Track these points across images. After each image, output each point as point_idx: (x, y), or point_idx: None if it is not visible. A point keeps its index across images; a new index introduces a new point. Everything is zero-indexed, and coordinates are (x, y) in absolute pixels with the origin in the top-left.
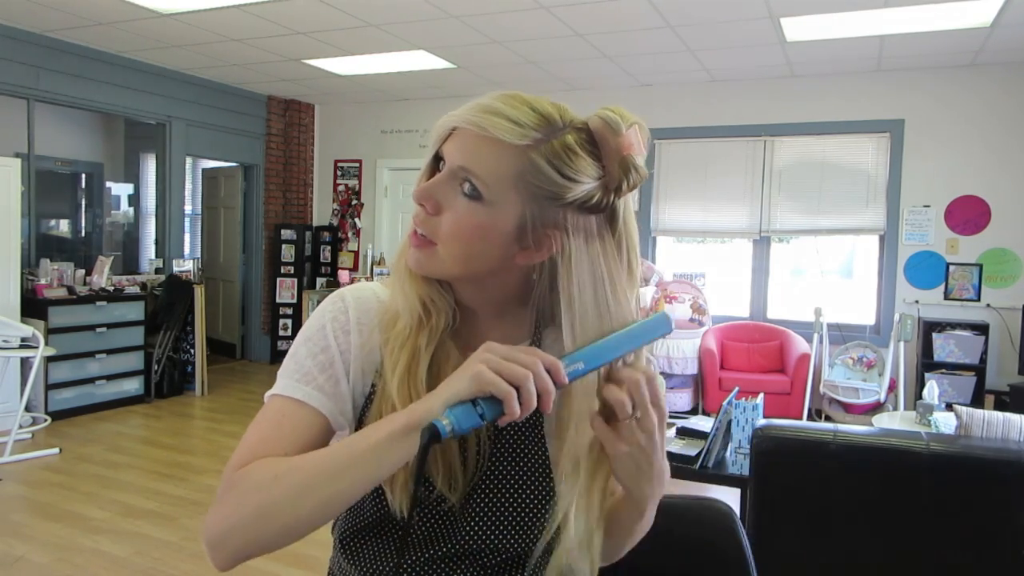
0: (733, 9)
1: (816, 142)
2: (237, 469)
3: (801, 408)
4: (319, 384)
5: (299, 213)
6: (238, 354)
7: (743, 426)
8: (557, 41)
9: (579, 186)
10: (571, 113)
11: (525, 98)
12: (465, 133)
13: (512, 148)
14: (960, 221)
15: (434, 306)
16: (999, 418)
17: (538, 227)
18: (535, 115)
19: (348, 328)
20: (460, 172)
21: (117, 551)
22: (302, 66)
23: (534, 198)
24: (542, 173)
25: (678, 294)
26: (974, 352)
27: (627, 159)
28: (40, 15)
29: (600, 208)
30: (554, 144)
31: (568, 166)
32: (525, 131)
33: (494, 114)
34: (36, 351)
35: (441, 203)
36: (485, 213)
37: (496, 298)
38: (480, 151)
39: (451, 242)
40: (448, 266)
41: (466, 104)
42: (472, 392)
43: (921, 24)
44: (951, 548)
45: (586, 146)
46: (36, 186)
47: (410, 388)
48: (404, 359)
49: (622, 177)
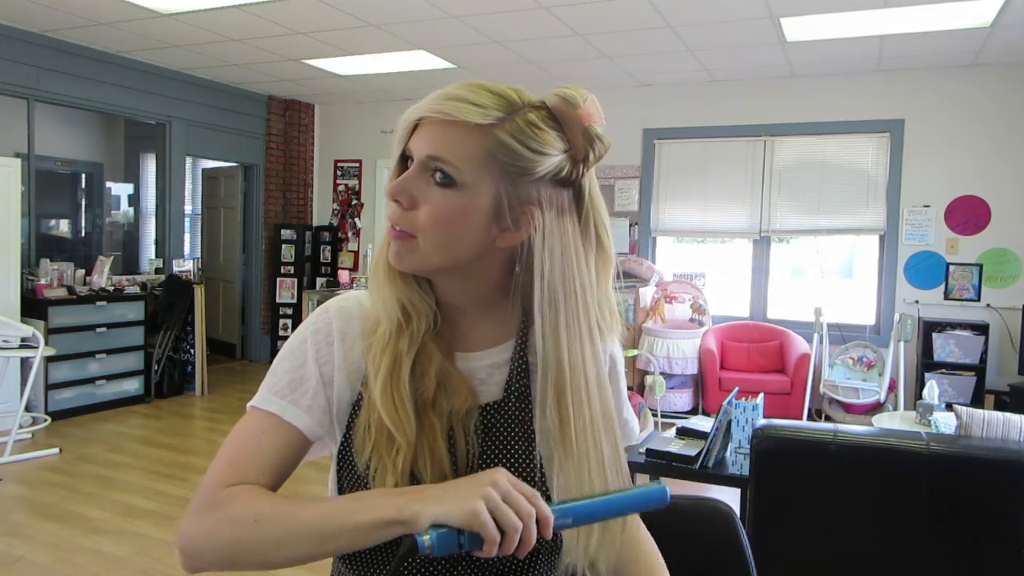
0: (733, 9)
1: (816, 142)
2: (218, 487)
3: (801, 408)
4: (295, 399)
5: (299, 213)
6: (238, 354)
7: (743, 426)
8: (557, 41)
9: (548, 159)
10: (528, 94)
11: (482, 83)
12: (430, 124)
13: (477, 129)
14: (960, 221)
15: (414, 309)
16: (999, 418)
17: (514, 204)
18: (495, 96)
19: (331, 339)
20: (430, 162)
21: (117, 551)
22: (302, 66)
23: (506, 175)
24: (510, 149)
25: (678, 294)
26: (974, 352)
27: (589, 129)
28: (40, 15)
29: (571, 180)
30: (517, 121)
31: (534, 140)
32: (488, 111)
33: (455, 100)
34: (36, 351)
35: (416, 196)
36: (460, 197)
37: (480, 290)
38: (447, 137)
39: (431, 231)
40: (430, 257)
41: (426, 97)
42: (462, 524)
43: (921, 24)
44: (951, 548)
45: (548, 121)
46: (36, 186)
47: (393, 394)
48: (386, 364)
49: (587, 147)
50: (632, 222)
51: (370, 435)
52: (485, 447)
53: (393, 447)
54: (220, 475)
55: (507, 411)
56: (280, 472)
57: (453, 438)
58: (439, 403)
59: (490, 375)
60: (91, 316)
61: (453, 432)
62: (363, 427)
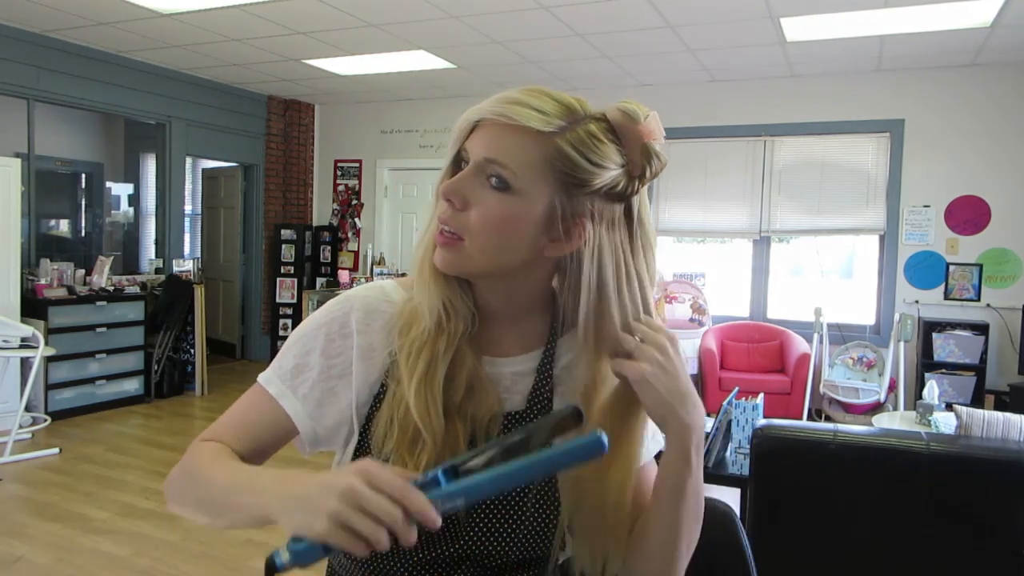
0: (733, 9)
1: (816, 142)
2: (198, 439)
3: (801, 408)
4: (293, 385)
5: (299, 213)
6: (238, 354)
7: (743, 426)
8: (557, 41)
9: (605, 172)
10: (589, 105)
11: (545, 90)
12: (489, 126)
13: (538, 136)
14: (960, 221)
15: (454, 310)
16: (999, 418)
17: (567, 215)
18: (558, 104)
19: (348, 331)
20: (486, 164)
21: (117, 551)
22: (302, 66)
23: (562, 185)
24: (569, 159)
25: (678, 294)
26: (974, 352)
27: (648, 146)
28: (40, 15)
29: (624, 195)
30: (579, 131)
31: (594, 152)
32: (550, 119)
33: (518, 104)
34: (36, 351)
35: (468, 198)
36: (514, 203)
37: (519, 298)
38: (506, 141)
39: (481, 235)
40: (477, 261)
41: (487, 99)
42: (321, 537)
43: (921, 24)
44: (951, 548)
45: (608, 135)
46: (36, 186)
47: (427, 395)
48: (422, 366)
49: (644, 164)
50: None
51: (392, 431)
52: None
53: (417, 446)
54: (207, 430)
55: (528, 422)
56: (255, 446)
57: (475, 445)
58: (464, 408)
59: (514, 383)
60: (91, 316)
61: (475, 438)
62: (385, 421)
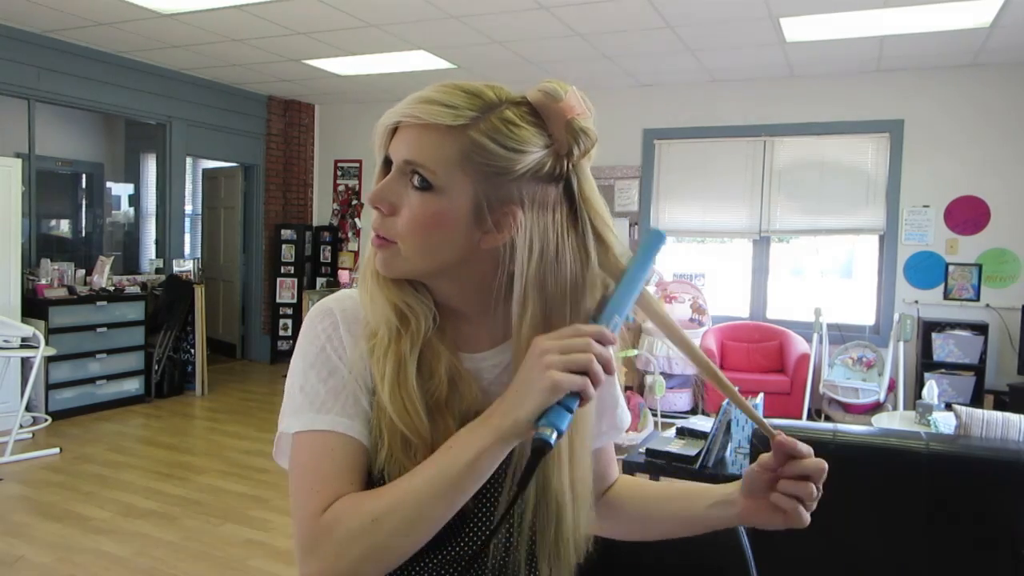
0: (733, 9)
1: (816, 142)
2: (315, 517)
3: (801, 408)
4: (339, 409)
5: (299, 213)
6: (238, 354)
7: (743, 426)
8: (557, 41)
9: (526, 155)
10: (507, 91)
11: (458, 83)
12: (405, 128)
13: (451, 131)
14: (960, 221)
15: (411, 311)
16: (999, 418)
17: (494, 205)
18: (468, 96)
19: (343, 344)
20: (407, 166)
21: (117, 551)
22: (302, 66)
23: (484, 176)
24: (485, 149)
25: (678, 294)
26: (974, 352)
27: (572, 122)
28: (40, 15)
29: (556, 176)
30: (492, 119)
31: (510, 138)
32: (459, 112)
33: (427, 102)
34: (36, 351)
35: (394, 202)
36: (438, 201)
37: (472, 292)
38: (421, 141)
39: (410, 237)
40: (414, 262)
41: (402, 101)
42: (556, 399)
43: (921, 24)
44: (950, 548)
45: (527, 117)
46: (37, 186)
47: (402, 396)
48: (391, 367)
49: (571, 142)
50: (632, 222)
51: (383, 441)
52: None
53: (411, 449)
54: (309, 506)
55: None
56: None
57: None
58: (451, 403)
59: (497, 376)
60: (91, 316)
61: None
62: (375, 433)
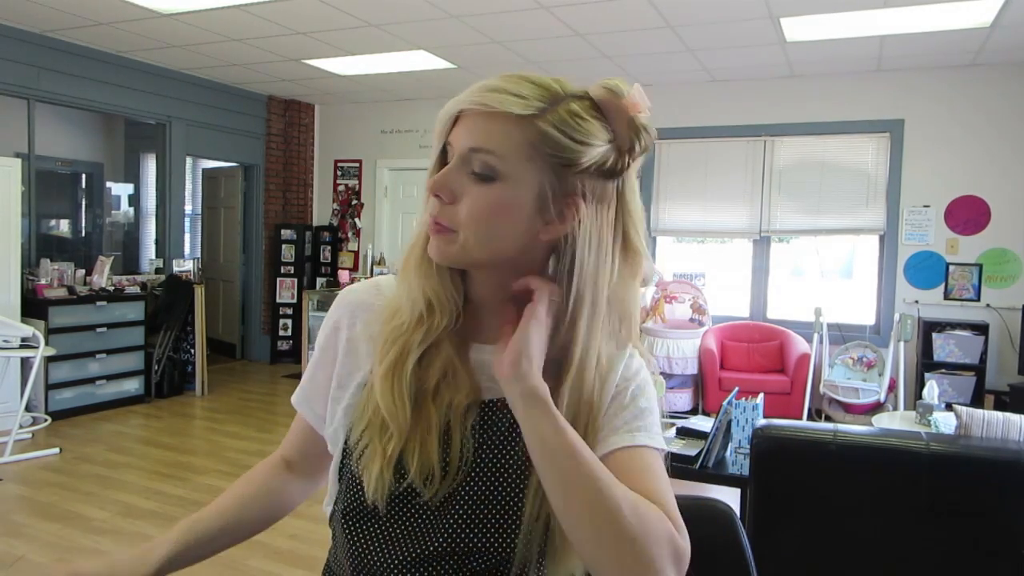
0: (733, 9)
1: (816, 142)
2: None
3: (801, 408)
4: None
5: (299, 213)
6: (238, 354)
7: (743, 426)
8: (557, 41)
9: (592, 149)
10: (570, 84)
11: (524, 74)
12: (470, 116)
13: (519, 120)
14: (960, 221)
15: (439, 304)
16: (999, 418)
17: (558, 196)
18: (536, 87)
19: (339, 327)
20: (471, 155)
21: (117, 551)
22: (302, 66)
23: (550, 167)
24: (553, 140)
25: (678, 294)
26: (974, 352)
27: (635, 119)
28: (40, 15)
29: (616, 172)
30: (560, 111)
31: (577, 130)
32: (529, 102)
33: (496, 91)
34: (36, 351)
35: (456, 190)
36: (503, 190)
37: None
38: (489, 129)
39: (473, 225)
40: (472, 251)
41: (466, 90)
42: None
43: (921, 24)
44: (951, 548)
45: (592, 111)
46: (36, 186)
47: (394, 383)
48: (393, 353)
49: (632, 138)
50: None
51: (366, 416)
52: (481, 445)
53: (387, 432)
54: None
55: (510, 411)
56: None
57: (450, 433)
58: (440, 395)
59: None
60: (91, 316)
61: (451, 427)
62: (361, 407)
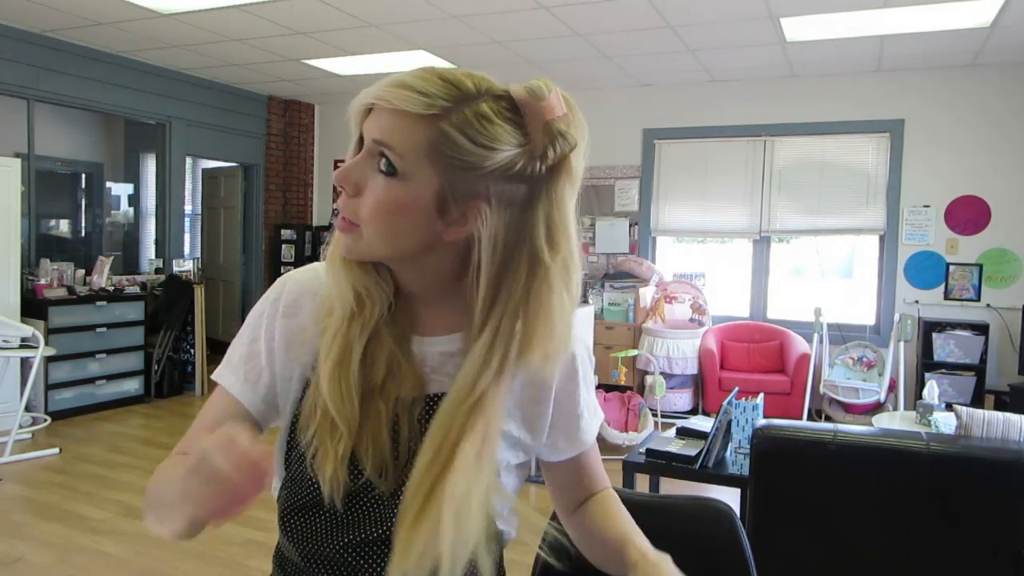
0: (733, 9)
1: (816, 142)
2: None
3: (801, 408)
4: (244, 372)
5: (299, 213)
6: None
7: (743, 426)
8: (557, 41)
9: (496, 154)
10: (491, 82)
11: (438, 71)
12: (379, 109)
13: (421, 119)
14: (960, 221)
15: (368, 295)
16: (999, 418)
17: (459, 199)
18: (445, 85)
19: (277, 312)
20: (375, 147)
21: (117, 551)
22: (302, 66)
23: (450, 169)
24: (454, 143)
25: (678, 294)
26: (974, 352)
27: (551, 124)
28: (40, 15)
29: (527, 177)
30: (466, 113)
31: (481, 134)
32: (432, 101)
33: (402, 87)
34: (36, 351)
35: (359, 183)
36: (401, 188)
37: (434, 281)
38: (392, 125)
39: (372, 221)
40: (375, 247)
41: (379, 81)
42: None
43: (921, 24)
44: (951, 548)
45: (505, 113)
46: (36, 186)
47: (340, 381)
48: (336, 351)
49: (547, 144)
50: (632, 222)
51: (315, 416)
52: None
53: (336, 433)
54: (179, 444)
55: None
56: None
57: (398, 426)
58: (387, 389)
59: (442, 364)
60: (91, 316)
61: (399, 420)
62: (309, 406)
